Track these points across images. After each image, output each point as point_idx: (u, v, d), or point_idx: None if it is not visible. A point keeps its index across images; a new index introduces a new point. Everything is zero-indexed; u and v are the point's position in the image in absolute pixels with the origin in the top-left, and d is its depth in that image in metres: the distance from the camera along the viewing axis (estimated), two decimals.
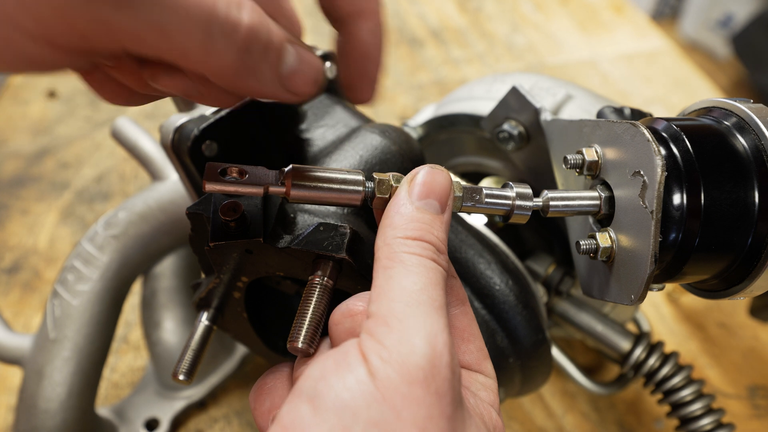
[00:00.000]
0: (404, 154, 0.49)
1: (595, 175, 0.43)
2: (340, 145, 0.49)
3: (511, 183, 0.39)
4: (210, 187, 0.35)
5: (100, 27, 0.27)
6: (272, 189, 0.35)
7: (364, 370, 0.29)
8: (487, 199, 0.38)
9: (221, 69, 0.30)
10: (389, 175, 0.37)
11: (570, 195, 0.41)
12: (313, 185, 0.35)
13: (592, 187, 0.43)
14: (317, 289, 0.37)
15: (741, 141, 0.40)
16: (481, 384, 0.35)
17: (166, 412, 0.74)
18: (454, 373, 0.30)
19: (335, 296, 0.38)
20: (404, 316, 0.30)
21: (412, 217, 0.34)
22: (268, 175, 0.36)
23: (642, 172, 0.37)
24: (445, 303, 0.32)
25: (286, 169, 0.35)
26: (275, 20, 0.34)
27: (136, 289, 0.82)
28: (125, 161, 1.05)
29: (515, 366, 0.51)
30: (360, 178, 0.36)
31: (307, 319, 0.36)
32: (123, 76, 0.34)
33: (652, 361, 0.60)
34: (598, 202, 0.41)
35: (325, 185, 0.36)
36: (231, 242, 0.39)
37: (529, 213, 0.39)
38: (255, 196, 0.36)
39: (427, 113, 0.68)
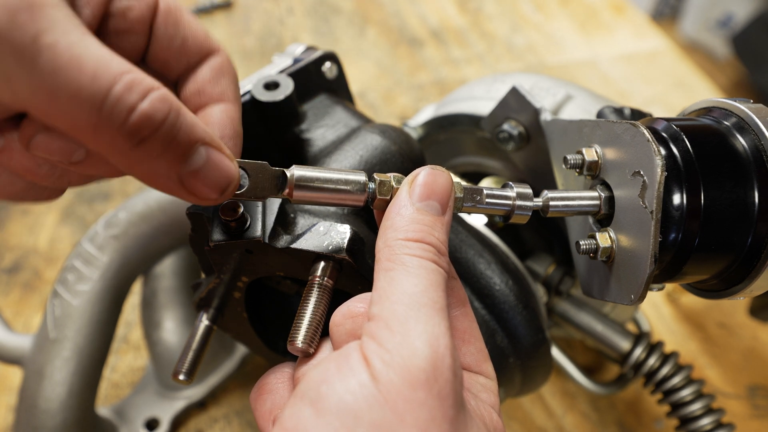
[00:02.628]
0: (404, 154, 0.49)
1: (595, 175, 0.43)
2: (340, 145, 0.49)
3: (511, 183, 0.39)
4: None
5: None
6: None
7: (366, 373, 0.29)
8: (487, 200, 0.38)
9: (111, 149, 0.29)
10: (390, 176, 0.37)
11: (570, 195, 0.41)
12: (316, 186, 0.35)
13: (592, 187, 0.43)
14: (317, 289, 0.37)
15: (741, 141, 0.40)
16: (482, 385, 0.35)
17: (166, 412, 0.74)
18: (456, 376, 0.30)
19: (335, 296, 0.38)
20: (406, 318, 0.30)
21: (413, 219, 0.34)
22: (271, 173, 0.35)
23: (642, 172, 0.37)
24: (446, 305, 0.32)
25: (289, 170, 0.35)
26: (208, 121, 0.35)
27: (136, 289, 0.82)
28: None
29: (515, 366, 0.51)
30: (363, 179, 0.36)
31: (307, 319, 0.36)
32: (12, 161, 0.33)
33: (652, 361, 0.60)
34: (598, 202, 0.41)
35: (328, 186, 0.35)
36: (231, 242, 0.39)
37: (530, 213, 0.39)
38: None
39: (427, 113, 0.68)
